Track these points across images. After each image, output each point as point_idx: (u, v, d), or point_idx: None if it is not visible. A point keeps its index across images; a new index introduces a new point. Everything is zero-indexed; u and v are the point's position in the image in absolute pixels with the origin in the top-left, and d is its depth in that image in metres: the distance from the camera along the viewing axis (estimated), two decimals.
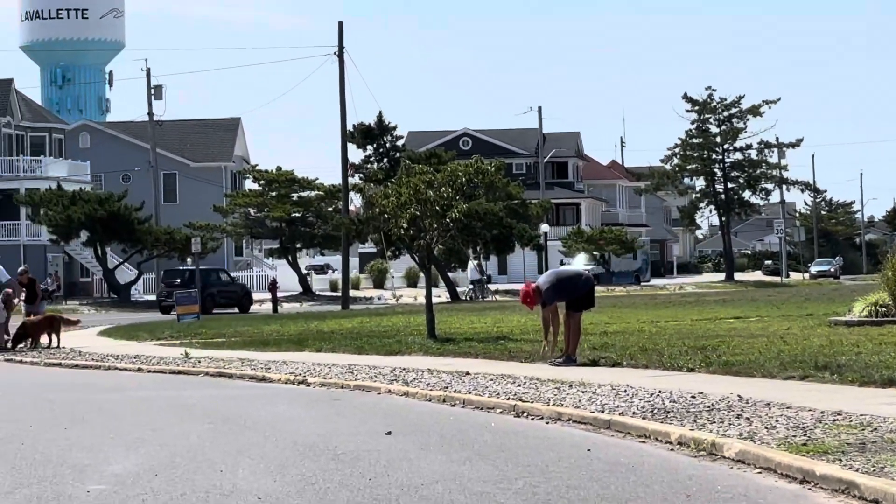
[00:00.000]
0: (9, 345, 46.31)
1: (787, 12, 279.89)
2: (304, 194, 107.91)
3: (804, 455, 16.37)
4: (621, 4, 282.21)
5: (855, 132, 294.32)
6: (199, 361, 38.41)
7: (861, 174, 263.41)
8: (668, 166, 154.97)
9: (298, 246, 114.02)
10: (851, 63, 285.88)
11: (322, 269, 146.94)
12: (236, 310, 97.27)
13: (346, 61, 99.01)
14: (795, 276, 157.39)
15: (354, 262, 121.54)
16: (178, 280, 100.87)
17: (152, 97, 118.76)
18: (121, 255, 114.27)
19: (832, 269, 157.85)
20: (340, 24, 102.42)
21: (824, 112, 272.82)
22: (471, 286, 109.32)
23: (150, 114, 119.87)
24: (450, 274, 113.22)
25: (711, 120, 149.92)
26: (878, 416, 19.55)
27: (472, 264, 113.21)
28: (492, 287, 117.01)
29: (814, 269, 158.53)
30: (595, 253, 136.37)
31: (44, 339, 46.98)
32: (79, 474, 17.27)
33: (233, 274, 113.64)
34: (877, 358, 28.53)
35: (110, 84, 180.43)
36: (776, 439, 17.87)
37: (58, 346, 46.42)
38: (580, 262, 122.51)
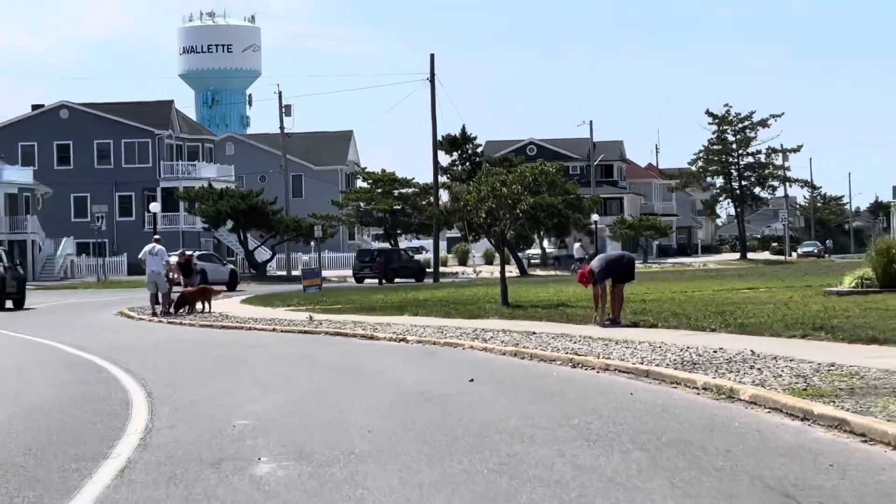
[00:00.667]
0: (171, 309, 46.93)
1: (793, 41, 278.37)
2: (403, 191, 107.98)
3: (804, 398, 16.36)
4: (656, 39, 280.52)
5: (845, 139, 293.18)
6: (321, 323, 38.48)
7: (849, 174, 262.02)
8: (693, 168, 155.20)
9: (399, 232, 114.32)
10: (845, 81, 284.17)
11: (417, 250, 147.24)
12: (413, 280, 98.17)
13: (436, 85, 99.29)
14: (796, 255, 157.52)
15: (443, 244, 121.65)
16: (367, 258, 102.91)
17: (283, 114, 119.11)
18: (258, 240, 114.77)
19: (816, 250, 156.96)
20: (432, 56, 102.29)
21: (821, 122, 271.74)
22: (576, 263, 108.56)
23: (282, 127, 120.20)
24: (519, 254, 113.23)
25: (728, 131, 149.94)
26: (864, 367, 19.50)
27: (577, 245, 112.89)
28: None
29: (801, 249, 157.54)
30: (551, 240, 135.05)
31: (198, 305, 47.50)
32: (227, 412, 17.40)
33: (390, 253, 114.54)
34: (863, 321, 28.39)
35: (250, 104, 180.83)
36: (782, 385, 17.84)
37: (209, 311, 46.88)
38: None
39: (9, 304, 58.29)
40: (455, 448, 13.94)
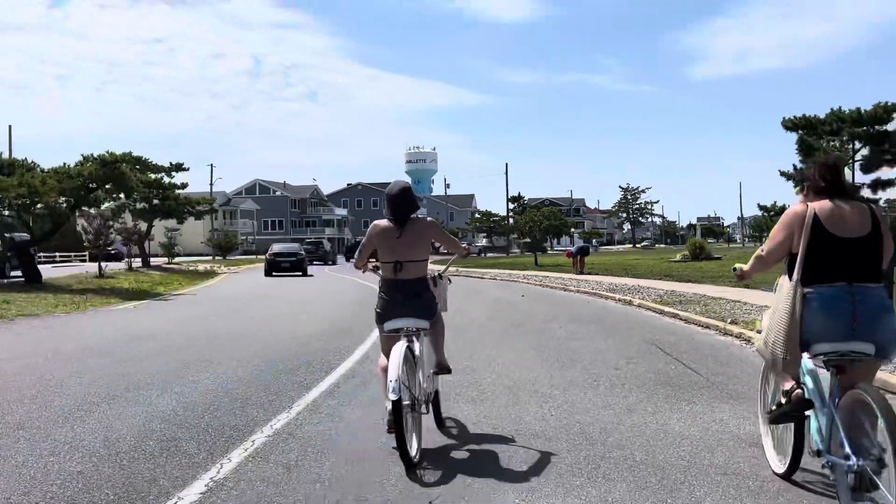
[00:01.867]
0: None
1: (667, 151, 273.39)
2: (493, 219, 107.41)
3: (660, 304, 16.11)
4: (605, 143, 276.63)
5: (678, 195, 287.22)
6: (460, 271, 38.27)
7: (679, 212, 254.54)
8: (614, 210, 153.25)
9: (492, 236, 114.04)
10: (676, 170, 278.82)
11: (472, 243, 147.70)
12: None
13: (509, 174, 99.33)
14: (658, 246, 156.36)
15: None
16: (530, 248, 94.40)
17: (446, 188, 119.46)
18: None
19: (650, 244, 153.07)
20: (506, 165, 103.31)
21: (667, 186, 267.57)
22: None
23: (446, 192, 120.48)
24: (544, 245, 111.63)
25: (628, 194, 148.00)
26: (685, 292, 19.17)
27: (577, 240, 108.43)
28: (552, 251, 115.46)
29: (644, 244, 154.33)
30: (527, 240, 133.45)
31: None
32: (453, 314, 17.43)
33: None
34: (684, 272, 27.84)
35: (432, 183, 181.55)
36: (651, 299, 17.57)
37: None
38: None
39: (331, 263, 59.76)
40: (517, 322, 13.93)
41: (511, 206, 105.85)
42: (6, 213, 26.26)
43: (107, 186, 25.83)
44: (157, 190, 43.23)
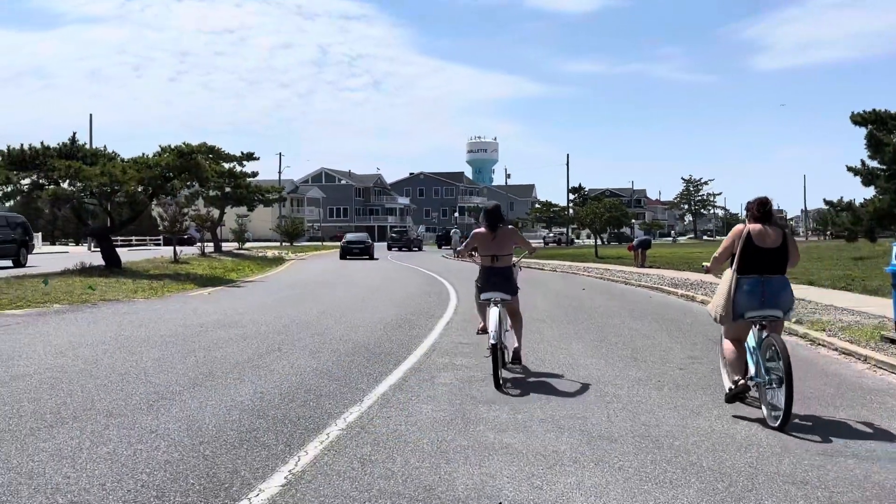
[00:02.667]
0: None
1: (722, 144, 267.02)
2: (553, 209, 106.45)
3: None
4: (666, 138, 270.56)
5: (740, 186, 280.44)
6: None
7: (741, 204, 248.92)
8: (675, 201, 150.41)
9: (551, 227, 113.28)
10: (739, 162, 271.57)
11: (563, 234, 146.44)
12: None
13: (569, 165, 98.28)
14: (720, 237, 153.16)
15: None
16: (613, 239, 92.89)
17: (507, 177, 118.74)
18: None
19: (698, 236, 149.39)
20: (567, 155, 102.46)
21: (729, 180, 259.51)
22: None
23: (506, 182, 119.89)
24: (602, 235, 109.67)
25: (690, 186, 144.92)
26: None
27: (637, 231, 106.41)
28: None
29: (704, 236, 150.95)
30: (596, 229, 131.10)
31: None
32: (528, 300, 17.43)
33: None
34: None
35: (493, 173, 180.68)
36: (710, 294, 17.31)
37: None
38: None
39: (416, 250, 63.92)
40: (579, 317, 13.83)
41: (572, 196, 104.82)
42: (88, 200, 27.14)
43: (182, 175, 26.47)
44: (229, 179, 44.14)
